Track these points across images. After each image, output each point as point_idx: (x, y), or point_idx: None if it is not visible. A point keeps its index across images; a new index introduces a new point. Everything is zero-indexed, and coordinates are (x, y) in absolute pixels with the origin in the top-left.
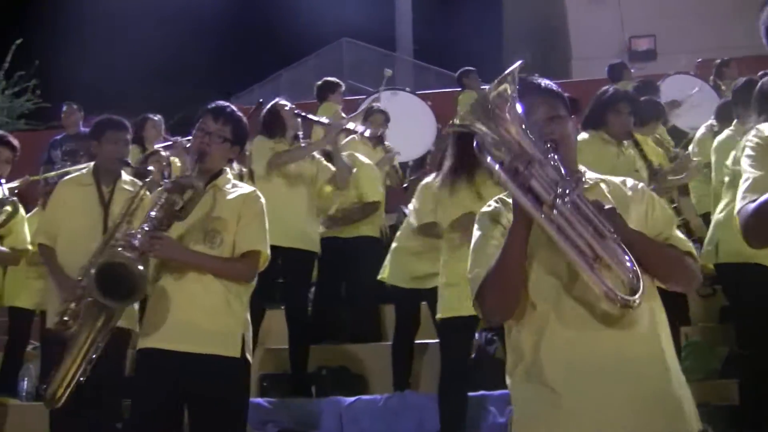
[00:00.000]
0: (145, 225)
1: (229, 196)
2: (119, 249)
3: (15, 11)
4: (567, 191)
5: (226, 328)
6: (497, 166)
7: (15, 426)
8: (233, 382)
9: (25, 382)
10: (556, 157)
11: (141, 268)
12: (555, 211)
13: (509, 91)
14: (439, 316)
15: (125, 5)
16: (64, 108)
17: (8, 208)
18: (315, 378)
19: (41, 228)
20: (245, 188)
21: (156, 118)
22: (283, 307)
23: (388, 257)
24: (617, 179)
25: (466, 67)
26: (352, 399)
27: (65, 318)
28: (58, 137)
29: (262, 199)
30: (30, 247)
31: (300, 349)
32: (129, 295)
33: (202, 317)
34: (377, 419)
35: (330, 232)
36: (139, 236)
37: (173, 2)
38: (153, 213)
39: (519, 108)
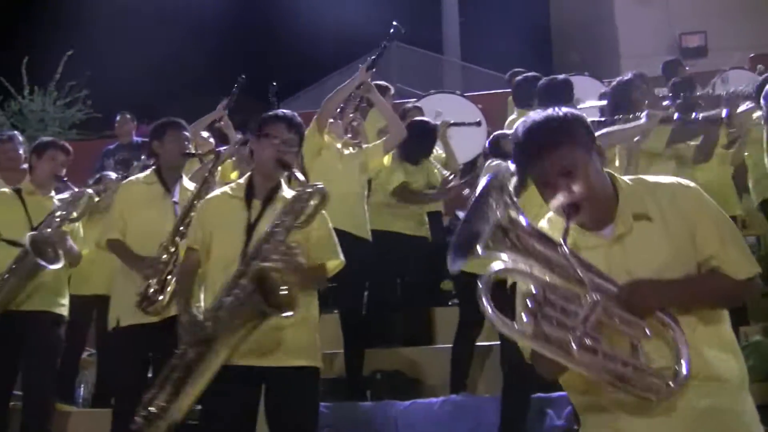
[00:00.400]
0: (279, 236)
1: None
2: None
3: (66, 23)
4: (587, 320)
5: (309, 338)
6: (515, 330)
7: None
8: (315, 390)
9: (82, 389)
10: (567, 250)
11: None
12: (575, 350)
13: (517, 214)
14: None
15: (172, 17)
16: (118, 117)
17: (82, 203)
18: (370, 382)
19: (109, 225)
20: None
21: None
22: (335, 312)
23: None
24: (665, 192)
25: (517, 69)
26: (408, 403)
27: (148, 294)
28: (111, 146)
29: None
30: (85, 249)
31: (355, 352)
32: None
33: (286, 330)
34: (433, 423)
35: (381, 226)
36: (266, 246)
37: (216, 11)
38: (276, 229)
39: (524, 222)
